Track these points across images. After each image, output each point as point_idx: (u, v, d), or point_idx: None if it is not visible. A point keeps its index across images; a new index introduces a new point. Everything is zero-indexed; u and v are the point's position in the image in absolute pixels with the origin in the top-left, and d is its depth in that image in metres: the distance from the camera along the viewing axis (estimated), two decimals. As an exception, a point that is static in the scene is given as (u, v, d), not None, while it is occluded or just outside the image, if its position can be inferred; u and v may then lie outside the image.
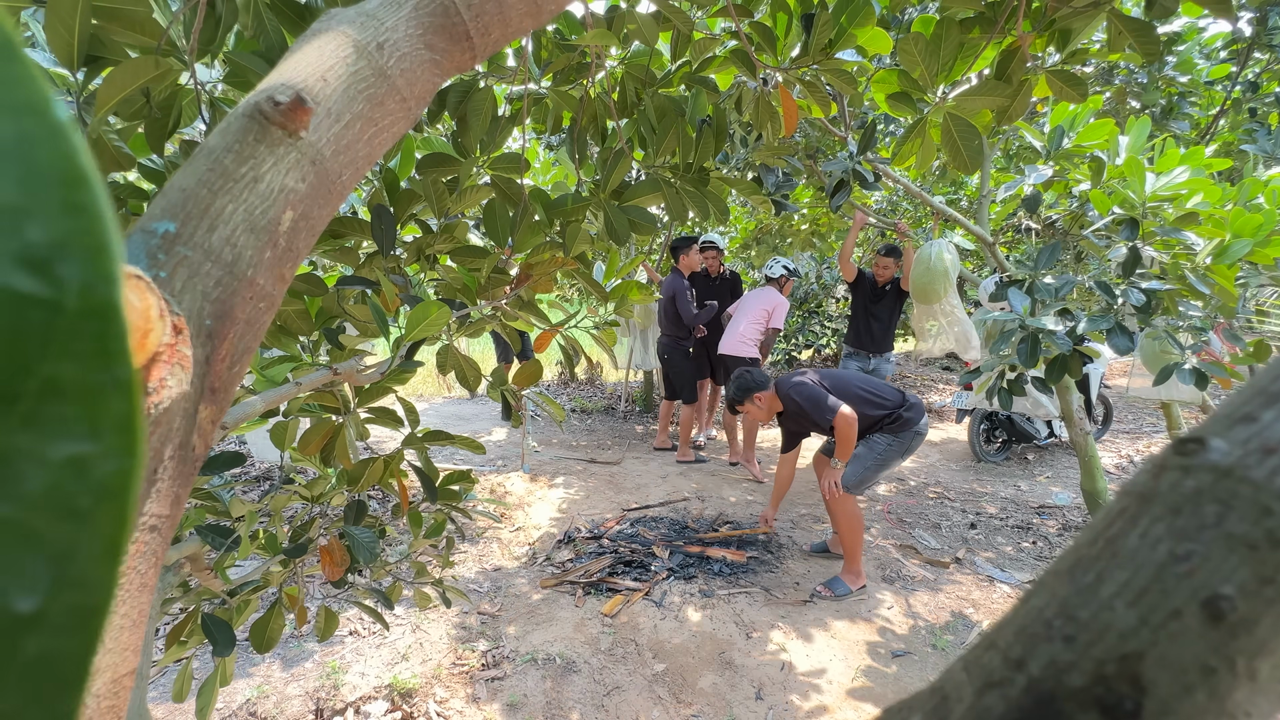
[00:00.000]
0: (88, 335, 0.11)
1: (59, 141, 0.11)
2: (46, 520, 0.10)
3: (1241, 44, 3.93)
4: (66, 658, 0.10)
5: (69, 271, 0.10)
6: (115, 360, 0.11)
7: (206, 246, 0.41)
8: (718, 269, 5.37)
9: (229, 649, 1.03)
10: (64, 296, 0.10)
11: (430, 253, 1.20)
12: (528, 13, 0.59)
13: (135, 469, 0.11)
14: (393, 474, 1.20)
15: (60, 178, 0.11)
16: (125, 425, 0.11)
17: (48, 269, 0.10)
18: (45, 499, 0.10)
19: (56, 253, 0.10)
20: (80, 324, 0.11)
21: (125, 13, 0.79)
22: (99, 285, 0.11)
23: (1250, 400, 0.23)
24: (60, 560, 0.10)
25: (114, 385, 0.11)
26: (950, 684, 0.26)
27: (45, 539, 0.10)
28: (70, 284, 0.10)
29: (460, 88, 1.27)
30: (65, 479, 0.10)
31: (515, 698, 2.28)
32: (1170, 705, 0.20)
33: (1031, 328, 2.21)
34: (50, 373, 0.10)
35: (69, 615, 0.10)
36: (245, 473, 4.25)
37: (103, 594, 0.10)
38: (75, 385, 0.10)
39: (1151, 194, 2.22)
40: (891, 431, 3.03)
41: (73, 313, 0.10)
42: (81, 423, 0.10)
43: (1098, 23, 1.29)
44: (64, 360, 0.10)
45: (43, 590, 0.10)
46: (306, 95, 0.45)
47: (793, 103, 1.32)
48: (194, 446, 0.42)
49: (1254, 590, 0.20)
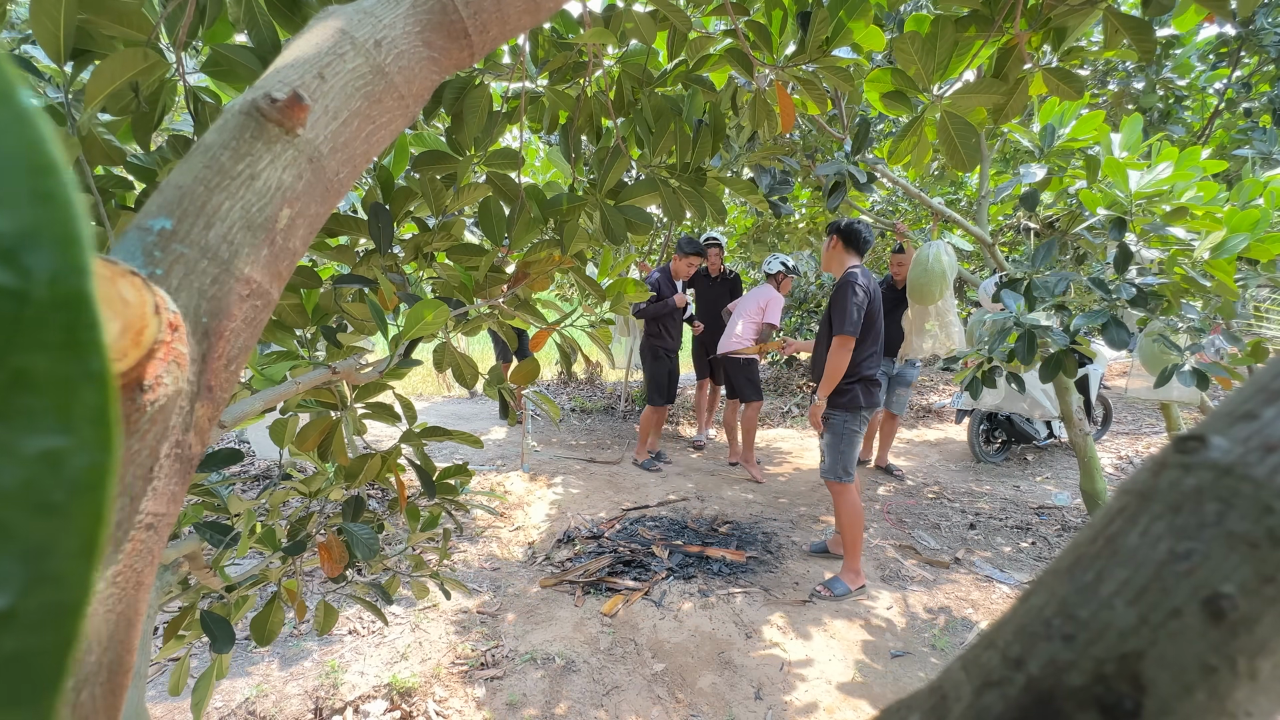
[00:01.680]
0: (57, 326, 0.10)
1: (25, 129, 0.11)
2: (19, 516, 0.10)
3: (1231, 46, 3.93)
4: (43, 656, 0.10)
5: (37, 261, 0.10)
6: (87, 351, 0.11)
7: (203, 244, 0.41)
8: (719, 268, 5.36)
9: (228, 645, 1.03)
10: (32, 287, 0.10)
11: (428, 250, 1.20)
12: (526, 10, 0.59)
13: (111, 463, 0.11)
14: (390, 469, 1.20)
15: (27, 166, 0.10)
16: (99, 418, 0.11)
17: (14, 259, 0.10)
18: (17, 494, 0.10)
19: (23, 242, 0.10)
20: (49, 314, 0.10)
21: (112, 5, 0.78)
22: (68, 275, 0.11)
23: (1251, 398, 0.23)
24: (34, 557, 0.10)
25: (87, 377, 0.11)
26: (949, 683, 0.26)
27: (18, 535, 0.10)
28: (38, 274, 0.10)
29: (456, 84, 1.26)
30: (38, 473, 0.10)
31: (514, 697, 2.28)
32: (1170, 704, 0.20)
33: (1027, 324, 2.21)
34: (19, 364, 0.10)
35: (44, 613, 0.10)
36: (244, 471, 4.25)
37: (79, 591, 0.10)
38: (46, 377, 0.10)
39: (1137, 191, 2.23)
40: (848, 409, 3.04)
41: (41, 303, 0.10)
42: (53, 416, 0.10)
43: (1093, 20, 1.29)
44: (33, 352, 0.10)
45: (16, 588, 0.10)
46: (304, 92, 0.44)
47: (789, 100, 1.32)
48: (191, 444, 0.42)
49: (1255, 589, 0.20)
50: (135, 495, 0.38)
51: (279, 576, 1.23)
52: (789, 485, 4.65)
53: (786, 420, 6.77)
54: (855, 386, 3.01)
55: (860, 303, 2.96)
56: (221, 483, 1.10)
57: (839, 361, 2.97)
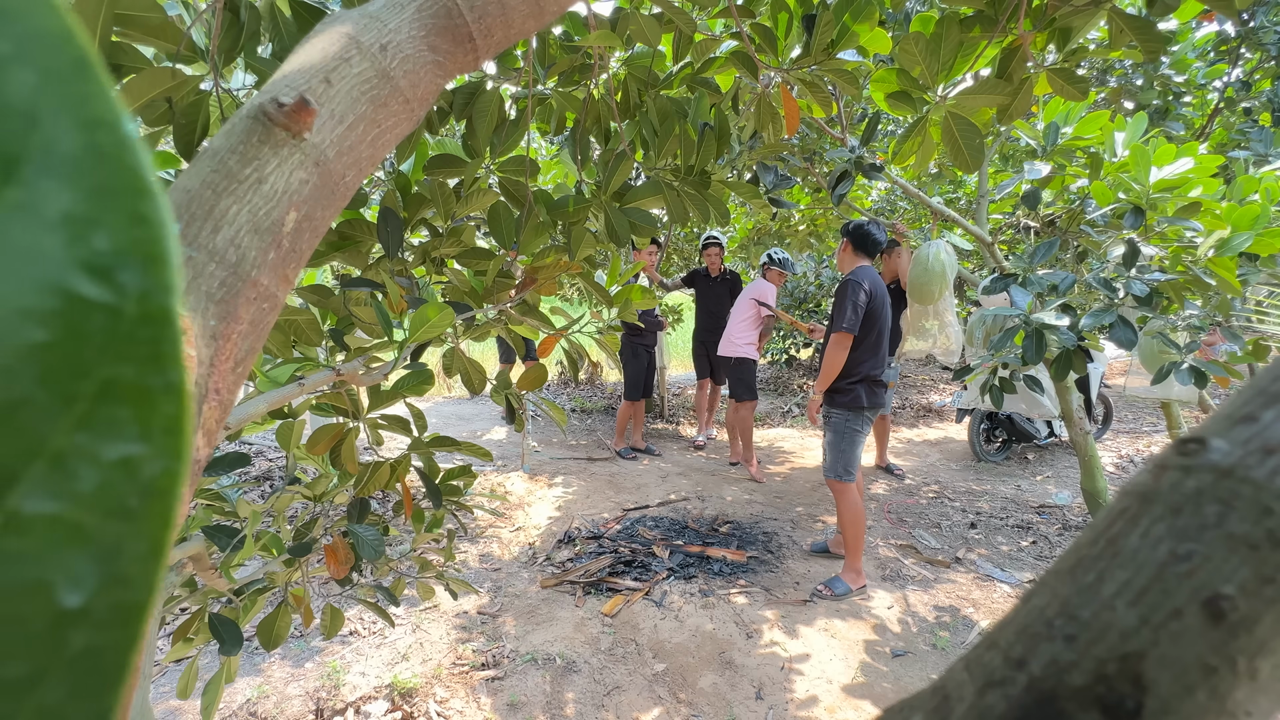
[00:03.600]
0: (144, 340, 0.11)
1: (128, 155, 0.11)
2: (96, 519, 0.10)
3: (1231, 43, 3.93)
4: (110, 653, 0.10)
5: (130, 279, 0.11)
6: (168, 364, 0.11)
7: (211, 247, 0.42)
8: (718, 268, 5.37)
9: (236, 648, 1.04)
10: (124, 302, 0.11)
11: (437, 255, 1.20)
12: (530, 14, 0.59)
13: (182, 470, 0.11)
14: (399, 478, 1.20)
15: (128, 189, 0.11)
16: (174, 427, 0.11)
17: (110, 276, 0.11)
18: (96, 498, 0.10)
19: (119, 260, 0.11)
20: (138, 329, 0.11)
21: (144, 19, 0.79)
22: (157, 292, 0.11)
23: (1251, 400, 0.24)
24: (107, 558, 0.10)
25: (166, 389, 0.11)
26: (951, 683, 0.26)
27: (94, 537, 0.10)
28: (130, 291, 0.11)
29: (467, 89, 1.27)
30: (116, 479, 0.11)
31: (515, 697, 2.28)
32: (1171, 704, 0.20)
33: (1036, 323, 2.22)
34: (108, 375, 0.11)
35: (114, 611, 0.10)
36: (245, 473, 4.25)
37: (146, 591, 0.11)
38: (130, 388, 0.11)
39: (1157, 183, 2.23)
40: (850, 408, 3.04)
41: (131, 318, 0.11)
42: (134, 424, 0.11)
43: (1097, 20, 1.30)
44: (121, 364, 0.11)
45: (90, 586, 0.10)
46: (310, 97, 0.45)
47: (794, 103, 1.32)
48: (198, 447, 0.42)
49: (1255, 590, 0.20)
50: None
51: (285, 581, 1.23)
52: (789, 485, 4.65)
53: (787, 420, 6.77)
54: (858, 386, 3.01)
55: (860, 302, 2.97)
56: (230, 486, 1.11)
57: (835, 357, 2.98)
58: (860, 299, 2.97)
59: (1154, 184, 2.23)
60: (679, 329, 8.07)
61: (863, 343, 3.02)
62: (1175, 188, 2.23)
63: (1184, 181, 2.20)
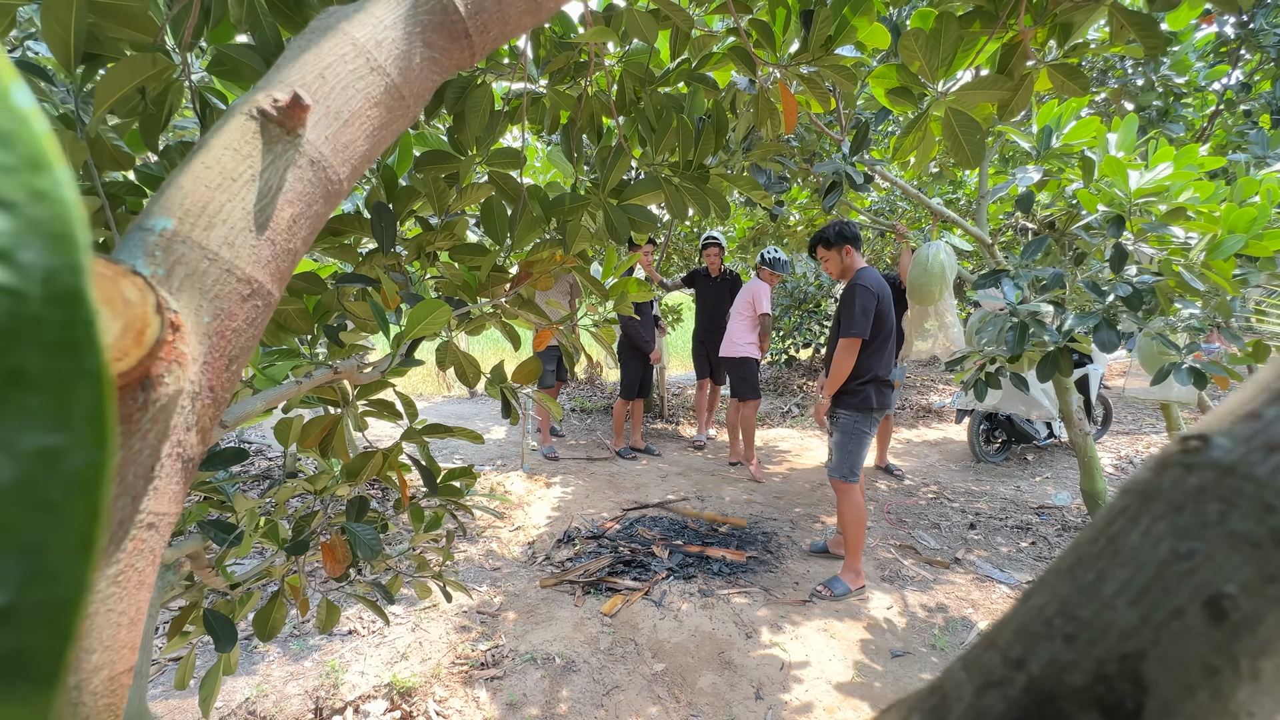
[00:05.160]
0: (53, 324, 0.10)
1: (21, 127, 0.11)
2: (16, 513, 0.10)
3: (1231, 45, 3.93)
4: (41, 653, 0.10)
5: (32, 259, 0.10)
6: (83, 349, 0.11)
7: (205, 244, 0.41)
8: (718, 268, 5.37)
9: (231, 644, 1.03)
10: (27, 284, 0.10)
11: (430, 250, 1.20)
12: (527, 10, 0.58)
13: (107, 460, 0.11)
14: (392, 466, 1.20)
15: (23, 163, 0.10)
16: (96, 416, 0.11)
17: (9, 257, 0.10)
18: (14, 491, 0.10)
19: (19, 240, 0.10)
20: (45, 312, 0.10)
21: (121, 9, 0.79)
22: (64, 272, 0.11)
23: (1254, 397, 0.23)
24: (31, 554, 0.10)
25: (82, 375, 0.11)
26: (950, 683, 0.26)
27: (15, 532, 0.10)
28: (33, 271, 0.10)
29: (458, 84, 1.26)
30: (35, 471, 0.10)
31: (514, 697, 2.28)
32: (1172, 705, 0.20)
33: (1022, 314, 2.22)
34: (14, 362, 0.10)
35: (41, 610, 0.10)
36: (245, 470, 4.25)
37: (76, 588, 0.10)
38: (41, 375, 0.10)
39: (1137, 190, 2.22)
40: (859, 409, 3.04)
41: (36, 301, 0.10)
42: (50, 413, 0.10)
43: (1098, 16, 1.29)
44: (29, 349, 0.10)
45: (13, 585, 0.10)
46: (304, 93, 0.44)
47: (792, 99, 1.31)
48: (192, 444, 0.42)
49: (1257, 589, 0.20)
50: (137, 494, 0.38)
51: (282, 574, 1.23)
52: (789, 485, 4.65)
53: (786, 420, 6.77)
54: (868, 387, 3.01)
55: (870, 306, 2.97)
56: (228, 480, 1.10)
57: (844, 362, 2.98)
58: (870, 303, 2.98)
59: (1134, 191, 2.23)
60: (679, 329, 8.08)
61: (871, 345, 3.02)
62: (1155, 194, 2.22)
63: (1163, 188, 2.20)
